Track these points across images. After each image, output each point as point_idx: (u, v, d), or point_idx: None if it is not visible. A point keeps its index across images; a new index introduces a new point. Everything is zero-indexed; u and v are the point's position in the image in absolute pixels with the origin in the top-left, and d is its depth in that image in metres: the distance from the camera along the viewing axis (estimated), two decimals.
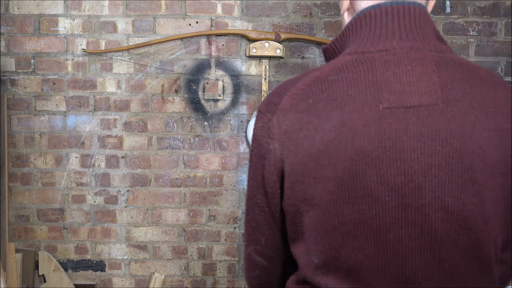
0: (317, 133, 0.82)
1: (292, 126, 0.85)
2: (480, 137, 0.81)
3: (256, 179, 0.92)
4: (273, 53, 2.24)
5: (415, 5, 0.86)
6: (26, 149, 2.32)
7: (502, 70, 2.34)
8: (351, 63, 0.85)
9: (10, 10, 2.26)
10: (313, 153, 0.82)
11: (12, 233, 2.34)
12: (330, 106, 0.83)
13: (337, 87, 0.84)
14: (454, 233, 0.81)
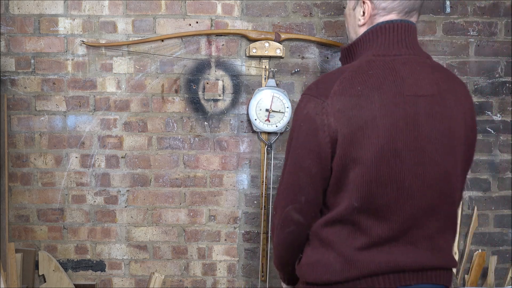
0: (364, 111, 1.16)
1: (344, 106, 1.17)
2: (458, 119, 1.24)
3: (306, 147, 1.21)
4: (273, 53, 2.24)
5: (413, 24, 1.28)
6: (26, 149, 2.32)
7: (502, 70, 2.34)
8: (378, 62, 1.22)
9: (10, 10, 2.26)
10: (361, 126, 1.16)
11: (12, 233, 2.34)
12: (372, 92, 1.17)
13: (375, 79, 1.19)
14: (440, 181, 1.21)
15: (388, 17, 1.25)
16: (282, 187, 1.29)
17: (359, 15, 1.31)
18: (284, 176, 1.29)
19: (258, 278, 2.39)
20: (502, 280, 2.40)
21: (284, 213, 1.29)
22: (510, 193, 2.38)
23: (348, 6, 1.37)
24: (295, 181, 1.26)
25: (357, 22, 1.32)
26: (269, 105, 2.23)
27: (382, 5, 1.25)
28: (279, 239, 1.35)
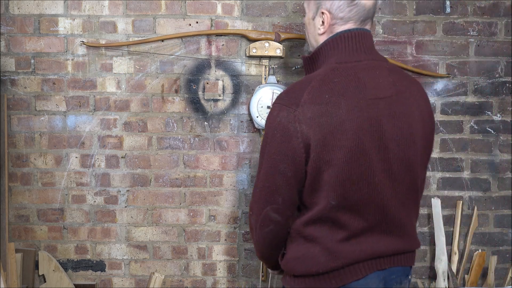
0: (333, 117, 1.27)
1: (314, 114, 1.28)
2: (415, 115, 1.37)
3: (281, 153, 1.31)
4: (273, 53, 2.24)
5: (368, 31, 1.41)
6: (26, 149, 2.32)
7: (502, 70, 2.34)
8: (341, 70, 1.34)
9: (10, 10, 2.26)
10: (331, 130, 1.27)
11: (12, 233, 2.34)
12: (339, 99, 1.29)
13: (340, 86, 1.31)
14: (405, 174, 1.36)
15: (346, 26, 1.38)
16: (258, 189, 1.40)
17: (319, 25, 1.44)
18: (259, 179, 1.39)
19: (258, 278, 2.38)
20: (502, 280, 2.40)
21: (263, 213, 1.40)
22: (510, 193, 2.38)
23: (307, 16, 1.51)
24: (271, 184, 1.36)
25: (317, 31, 1.45)
26: (270, 102, 2.23)
27: (340, 15, 1.38)
28: (259, 238, 1.46)
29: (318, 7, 1.43)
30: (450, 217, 2.38)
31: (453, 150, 2.36)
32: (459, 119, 2.36)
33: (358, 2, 1.37)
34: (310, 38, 1.51)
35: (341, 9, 1.38)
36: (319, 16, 1.43)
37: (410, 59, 2.31)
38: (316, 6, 1.45)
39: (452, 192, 2.37)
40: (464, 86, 2.34)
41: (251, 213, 1.45)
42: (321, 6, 1.42)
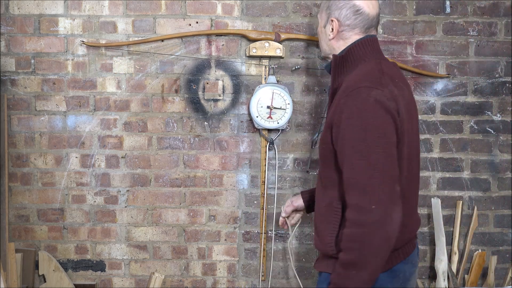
0: (400, 100, 1.45)
1: (393, 93, 1.43)
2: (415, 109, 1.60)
3: (390, 125, 1.39)
4: (273, 53, 2.24)
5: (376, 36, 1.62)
6: (26, 149, 2.32)
7: (502, 70, 2.34)
8: (381, 64, 1.52)
9: (10, 10, 2.26)
10: (403, 111, 1.44)
11: (12, 233, 2.34)
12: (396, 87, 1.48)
13: (389, 76, 1.49)
14: (417, 159, 1.56)
15: (353, 32, 1.58)
16: (376, 180, 1.34)
17: (329, 31, 1.62)
18: (372, 169, 1.34)
19: (258, 278, 2.38)
20: (502, 280, 2.40)
21: (392, 205, 1.34)
22: (510, 193, 2.38)
23: (319, 25, 1.68)
24: (393, 158, 1.38)
25: (328, 37, 1.63)
26: (270, 102, 2.23)
27: (347, 23, 1.57)
28: (383, 238, 1.34)
29: (328, 16, 1.62)
30: (450, 217, 2.38)
31: (453, 150, 2.36)
32: (459, 119, 2.36)
33: (362, 11, 1.56)
34: (322, 44, 1.68)
35: (348, 17, 1.57)
36: (329, 24, 1.61)
37: (410, 59, 2.31)
38: (327, 15, 1.63)
39: (452, 192, 2.37)
40: (464, 86, 2.34)
41: (373, 207, 1.33)
42: (331, 15, 1.61)
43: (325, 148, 1.51)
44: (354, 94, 1.40)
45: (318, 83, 2.32)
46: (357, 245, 1.35)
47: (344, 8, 1.57)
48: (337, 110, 1.44)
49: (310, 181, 2.35)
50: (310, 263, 2.39)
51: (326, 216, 1.51)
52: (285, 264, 2.40)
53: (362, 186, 1.35)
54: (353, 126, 1.38)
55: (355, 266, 1.35)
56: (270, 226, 2.36)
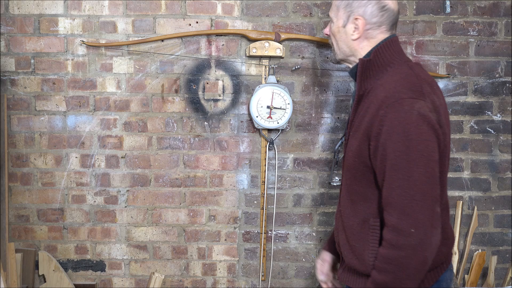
0: (439, 107, 1.38)
1: (435, 103, 1.36)
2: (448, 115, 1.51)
3: (433, 141, 1.31)
4: (273, 53, 2.24)
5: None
6: (26, 149, 2.32)
7: (502, 70, 2.34)
8: (414, 69, 1.44)
9: (10, 10, 2.26)
10: (443, 120, 1.38)
11: (12, 233, 2.34)
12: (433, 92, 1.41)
13: (426, 82, 1.42)
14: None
15: (380, 30, 1.48)
16: (417, 202, 1.27)
17: (351, 31, 1.49)
18: (413, 190, 1.27)
19: (258, 278, 2.38)
20: (502, 280, 2.40)
21: (436, 213, 1.29)
22: (510, 193, 2.38)
23: (336, 24, 1.54)
24: (435, 177, 1.30)
25: (350, 37, 1.50)
26: (270, 102, 2.23)
27: (373, 20, 1.46)
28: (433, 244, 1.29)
29: (349, 15, 1.50)
30: (450, 217, 2.38)
31: (453, 150, 2.36)
32: (459, 119, 2.36)
33: (388, 7, 1.46)
34: (341, 45, 1.54)
35: (374, 15, 1.46)
36: (352, 23, 1.49)
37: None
38: (346, 14, 1.50)
39: (452, 192, 2.37)
40: (464, 86, 2.34)
41: (412, 231, 1.27)
42: (353, 13, 1.48)
43: (358, 162, 1.41)
44: (396, 106, 1.31)
45: (318, 83, 2.32)
46: (393, 267, 1.29)
47: (370, 5, 1.46)
48: (376, 121, 1.34)
49: (310, 181, 2.35)
50: (310, 263, 2.39)
51: (362, 234, 1.43)
52: (285, 264, 2.40)
53: (402, 207, 1.27)
54: (395, 142, 1.29)
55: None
56: (270, 226, 2.37)
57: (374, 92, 1.41)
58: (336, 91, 2.32)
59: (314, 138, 2.34)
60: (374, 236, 1.39)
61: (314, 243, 2.39)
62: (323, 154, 2.35)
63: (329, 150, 2.34)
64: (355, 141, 1.43)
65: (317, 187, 2.36)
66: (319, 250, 2.39)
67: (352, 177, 1.46)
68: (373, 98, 1.40)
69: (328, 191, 2.36)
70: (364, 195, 1.42)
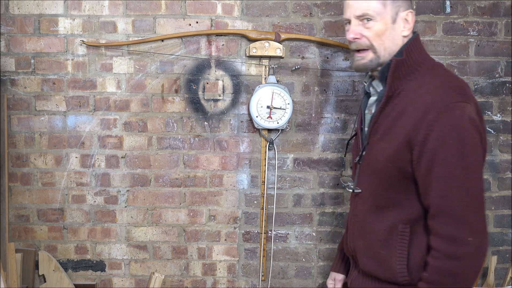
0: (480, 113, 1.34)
1: (478, 108, 1.32)
2: None
3: (481, 148, 1.28)
4: (273, 53, 2.24)
5: None
6: (26, 149, 2.32)
7: (502, 70, 2.34)
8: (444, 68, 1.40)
9: (10, 10, 2.26)
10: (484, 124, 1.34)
11: (12, 233, 2.34)
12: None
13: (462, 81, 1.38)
14: None
15: None
16: (473, 209, 1.24)
17: (402, 27, 1.40)
18: (469, 197, 1.24)
19: (258, 278, 2.38)
20: (502, 280, 2.40)
21: (486, 236, 1.25)
22: (510, 193, 2.38)
23: (382, 22, 1.40)
24: (482, 198, 1.26)
25: (401, 34, 1.41)
26: (270, 102, 2.23)
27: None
28: (480, 266, 1.28)
29: (397, 10, 1.40)
30: None
31: None
32: None
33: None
34: (388, 44, 1.42)
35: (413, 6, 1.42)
36: (402, 18, 1.40)
37: None
38: (395, 9, 1.39)
39: None
40: None
41: (470, 239, 1.24)
42: (402, 7, 1.40)
43: (392, 167, 1.35)
44: (448, 111, 1.25)
45: (318, 83, 2.32)
46: (450, 279, 1.25)
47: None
48: (422, 126, 1.28)
49: (310, 181, 2.35)
50: (310, 263, 2.39)
51: (389, 241, 1.38)
52: (285, 264, 2.40)
53: (459, 216, 1.23)
54: (449, 148, 1.24)
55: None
56: (270, 226, 2.37)
57: (411, 94, 1.34)
58: (336, 91, 2.32)
59: (314, 138, 2.34)
60: (402, 242, 1.35)
61: (314, 243, 2.39)
62: (323, 154, 2.35)
63: (329, 150, 2.35)
64: (388, 145, 1.36)
65: (317, 187, 2.36)
66: (319, 250, 2.39)
67: (381, 182, 1.39)
68: (408, 100, 1.33)
69: (328, 191, 2.36)
70: (394, 200, 1.37)
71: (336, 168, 2.35)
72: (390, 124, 1.37)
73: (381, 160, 1.37)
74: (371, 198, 1.43)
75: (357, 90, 2.32)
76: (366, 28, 1.41)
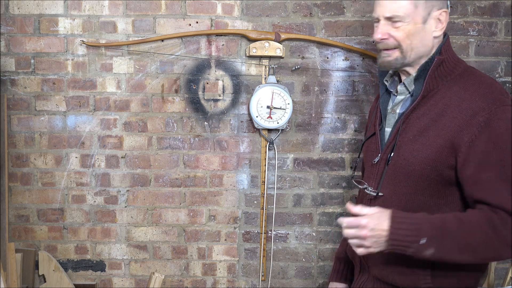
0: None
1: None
2: None
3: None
4: (273, 53, 2.24)
5: None
6: (26, 149, 2.32)
7: (502, 70, 2.34)
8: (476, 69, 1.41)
9: (10, 10, 2.26)
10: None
11: (12, 233, 2.34)
12: None
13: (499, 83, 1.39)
14: None
15: None
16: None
17: (433, 27, 1.37)
18: None
19: (258, 278, 2.38)
20: (502, 280, 2.40)
21: None
22: None
23: (412, 23, 1.36)
24: None
25: (433, 34, 1.38)
26: (270, 102, 2.23)
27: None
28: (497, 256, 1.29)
29: (430, 10, 1.36)
30: None
31: None
32: None
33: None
34: (417, 44, 1.39)
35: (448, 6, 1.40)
36: (434, 18, 1.37)
37: None
38: (427, 9, 1.36)
39: None
40: None
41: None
42: (435, 7, 1.37)
43: (431, 170, 1.32)
44: (499, 114, 1.26)
45: (318, 83, 2.32)
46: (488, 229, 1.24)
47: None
48: (469, 130, 1.27)
49: (310, 181, 2.35)
50: (310, 263, 2.39)
51: None
52: (285, 264, 2.40)
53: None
54: (501, 151, 1.25)
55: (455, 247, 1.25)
56: (270, 226, 2.37)
57: (451, 96, 1.32)
58: (336, 91, 2.32)
59: (314, 138, 2.34)
60: None
61: (314, 243, 2.39)
62: (323, 154, 2.35)
63: (329, 150, 2.35)
64: (424, 147, 1.33)
65: (317, 187, 2.36)
66: (319, 250, 2.39)
67: (414, 185, 1.35)
68: (448, 101, 1.32)
69: (328, 191, 2.36)
70: (425, 205, 1.34)
71: (336, 168, 2.35)
72: (426, 125, 1.34)
73: (416, 163, 1.34)
74: (397, 201, 1.38)
75: (357, 90, 2.32)
76: (395, 28, 1.38)
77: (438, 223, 1.26)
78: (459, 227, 1.25)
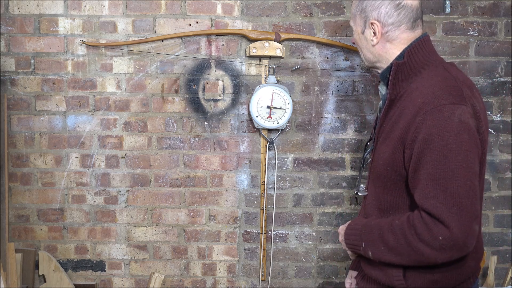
0: (479, 111, 1.32)
1: (475, 108, 1.30)
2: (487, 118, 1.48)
3: (474, 152, 1.24)
4: (273, 53, 2.24)
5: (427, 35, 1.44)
6: (26, 149, 2.32)
7: (502, 70, 2.34)
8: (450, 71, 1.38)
9: (10, 10, 2.26)
10: (482, 125, 1.32)
11: (12, 233, 2.34)
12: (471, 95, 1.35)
13: (466, 85, 1.37)
14: None
15: (400, 30, 1.40)
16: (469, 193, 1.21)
17: (371, 36, 1.44)
18: (451, 199, 1.21)
19: (258, 278, 2.38)
20: (502, 280, 2.40)
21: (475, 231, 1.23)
22: (510, 193, 2.38)
23: (356, 31, 1.50)
24: (475, 187, 1.23)
25: (370, 43, 1.45)
26: (270, 102, 2.23)
27: (390, 21, 1.40)
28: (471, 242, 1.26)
29: (365, 20, 1.44)
30: None
31: None
32: None
33: (405, 4, 1.39)
34: (364, 52, 1.50)
35: (390, 15, 1.39)
36: (369, 28, 1.44)
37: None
38: (363, 20, 1.45)
39: None
40: None
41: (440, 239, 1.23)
42: (368, 18, 1.43)
43: (390, 170, 1.35)
44: (435, 113, 1.25)
45: (318, 83, 2.32)
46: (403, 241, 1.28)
47: (383, 6, 1.39)
48: (412, 128, 1.28)
49: (310, 181, 2.35)
50: (310, 263, 2.39)
51: None
52: (285, 264, 2.40)
53: (438, 217, 1.22)
54: (433, 151, 1.23)
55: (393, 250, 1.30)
56: (270, 226, 2.37)
57: (409, 97, 1.34)
58: (336, 91, 2.32)
59: (314, 138, 2.34)
60: None
61: (314, 243, 2.39)
62: (323, 154, 2.35)
63: (329, 150, 2.35)
64: (386, 148, 1.36)
65: (317, 187, 2.36)
66: (319, 250, 2.39)
67: (382, 186, 1.40)
68: (407, 102, 1.34)
69: (328, 191, 2.36)
70: (394, 204, 1.38)
71: (336, 168, 2.35)
72: (390, 127, 1.38)
73: (381, 164, 1.39)
74: (375, 201, 1.45)
75: (357, 90, 2.32)
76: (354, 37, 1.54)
77: (375, 229, 1.37)
78: (388, 231, 1.32)
